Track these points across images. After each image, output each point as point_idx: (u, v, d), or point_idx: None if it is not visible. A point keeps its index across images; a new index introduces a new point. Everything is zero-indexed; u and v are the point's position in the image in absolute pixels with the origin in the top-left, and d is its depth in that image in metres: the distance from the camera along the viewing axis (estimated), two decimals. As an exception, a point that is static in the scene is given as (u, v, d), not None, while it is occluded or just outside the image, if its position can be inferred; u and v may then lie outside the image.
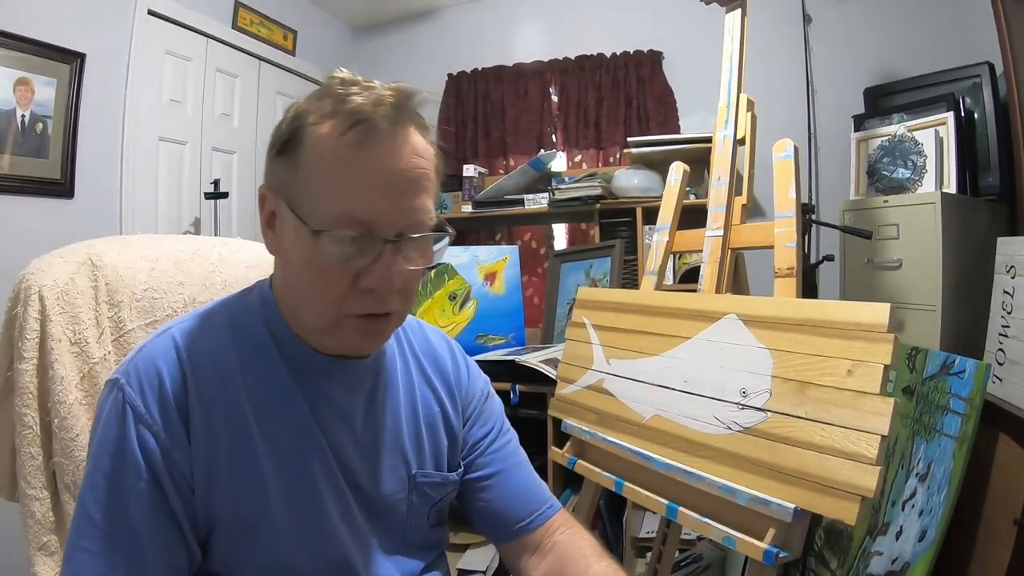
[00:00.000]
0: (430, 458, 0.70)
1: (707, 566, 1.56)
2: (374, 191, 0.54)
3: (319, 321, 0.59)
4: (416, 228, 0.57)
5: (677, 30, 2.56)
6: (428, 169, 0.58)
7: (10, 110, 1.70)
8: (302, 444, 0.61)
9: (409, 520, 0.69)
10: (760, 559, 0.82)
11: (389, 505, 0.67)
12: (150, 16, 2.11)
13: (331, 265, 0.55)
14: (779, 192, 1.09)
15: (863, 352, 0.80)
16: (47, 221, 1.79)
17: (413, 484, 0.68)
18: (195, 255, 0.94)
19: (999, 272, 1.23)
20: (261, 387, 0.60)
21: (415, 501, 0.69)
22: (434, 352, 0.76)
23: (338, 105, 0.54)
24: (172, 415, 0.56)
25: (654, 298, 1.16)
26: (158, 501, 0.54)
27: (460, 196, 2.65)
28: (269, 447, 0.59)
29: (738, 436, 0.91)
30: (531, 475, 0.78)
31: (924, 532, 1.02)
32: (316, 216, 0.54)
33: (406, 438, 0.69)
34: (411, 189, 0.56)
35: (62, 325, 0.80)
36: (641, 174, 2.29)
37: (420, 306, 2.03)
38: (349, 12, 3.06)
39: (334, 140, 0.54)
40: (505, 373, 1.79)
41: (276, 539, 0.59)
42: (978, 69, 1.75)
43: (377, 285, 0.56)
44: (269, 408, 0.60)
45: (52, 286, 0.82)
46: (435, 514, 0.71)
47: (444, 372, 0.75)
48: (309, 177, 0.55)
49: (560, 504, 0.79)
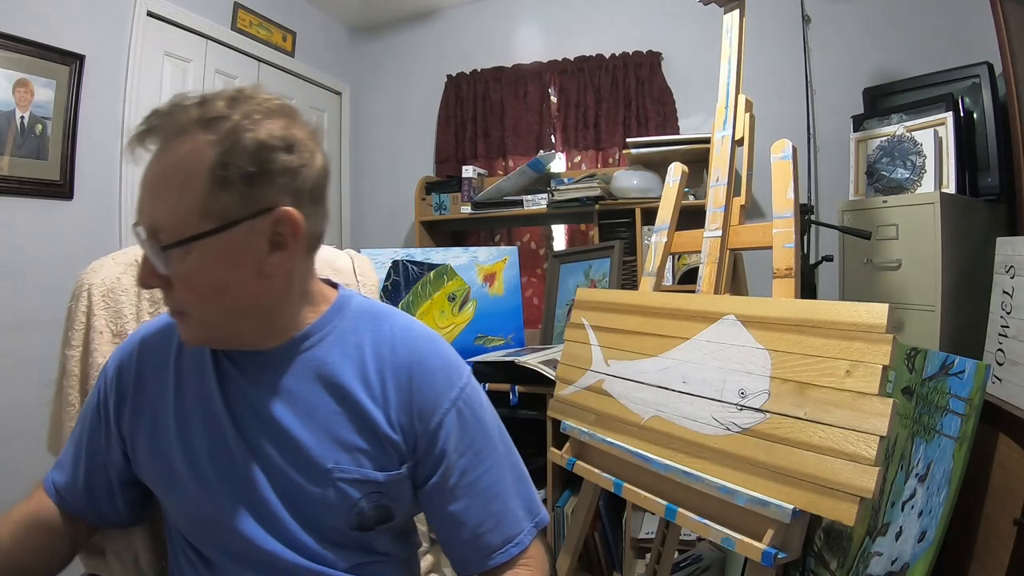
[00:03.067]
0: (351, 455, 0.67)
1: (706, 567, 1.56)
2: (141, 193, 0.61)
3: None
4: (145, 230, 0.60)
5: (676, 31, 2.56)
6: (171, 176, 0.58)
7: (9, 111, 1.70)
8: (208, 423, 0.68)
9: (327, 516, 0.67)
10: (759, 560, 0.81)
11: (305, 495, 0.66)
12: (149, 17, 2.11)
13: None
14: (778, 192, 1.09)
15: (862, 352, 0.80)
16: (46, 222, 1.79)
17: (329, 479, 0.66)
18: None
19: (998, 272, 1.23)
20: (189, 368, 0.71)
21: (332, 497, 0.66)
22: (390, 362, 0.71)
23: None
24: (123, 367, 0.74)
25: (653, 299, 1.16)
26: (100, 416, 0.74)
27: (459, 197, 2.65)
28: (180, 421, 0.69)
29: (737, 437, 0.91)
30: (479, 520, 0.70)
31: (924, 533, 1.01)
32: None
33: (324, 432, 0.67)
34: (145, 194, 0.60)
35: (105, 319, 0.92)
36: (640, 175, 2.29)
37: (419, 307, 2.03)
38: (348, 13, 3.06)
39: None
40: (504, 374, 1.80)
41: (186, 500, 0.68)
42: (977, 69, 1.75)
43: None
44: (188, 386, 0.70)
45: (100, 284, 0.93)
46: (356, 516, 0.67)
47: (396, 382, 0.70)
48: None
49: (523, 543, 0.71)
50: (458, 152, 2.90)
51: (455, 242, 2.87)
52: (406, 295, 2.01)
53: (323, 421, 0.67)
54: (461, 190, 2.64)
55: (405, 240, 3.03)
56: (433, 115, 2.97)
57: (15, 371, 1.65)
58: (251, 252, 0.61)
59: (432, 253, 2.09)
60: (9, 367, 1.65)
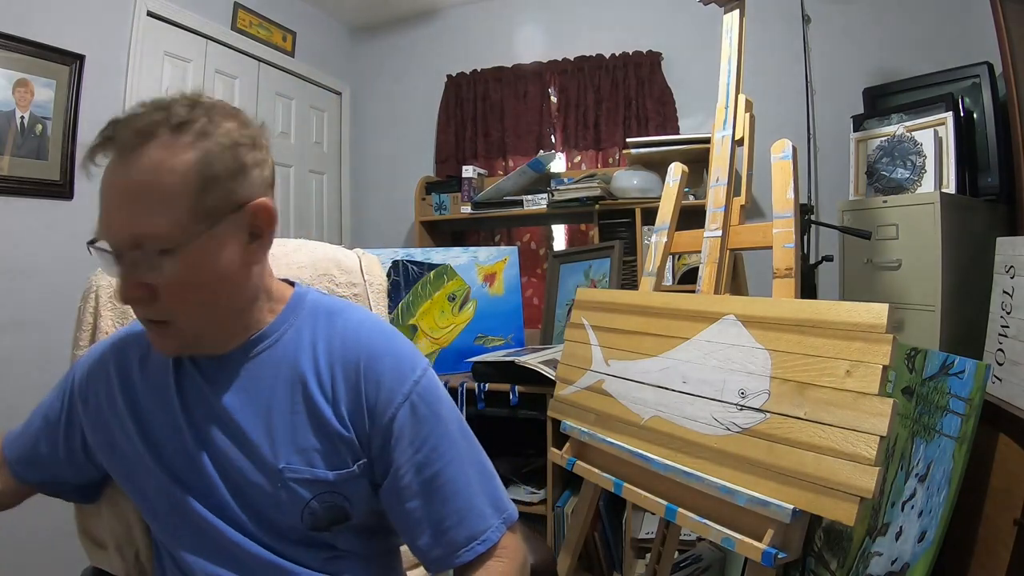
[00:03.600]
0: (302, 454, 0.67)
1: (706, 567, 1.56)
2: (102, 204, 0.58)
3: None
4: (122, 244, 0.58)
5: (676, 31, 2.56)
6: (153, 187, 0.57)
7: (9, 111, 1.70)
8: (168, 424, 0.69)
9: (281, 516, 0.67)
10: (759, 560, 0.81)
11: (259, 493, 0.67)
12: (149, 17, 2.11)
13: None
14: (778, 192, 1.09)
15: (862, 352, 0.80)
16: (46, 222, 1.78)
17: (280, 479, 0.66)
18: None
19: (998, 272, 1.23)
20: (151, 372, 0.72)
21: (284, 497, 0.66)
22: (340, 359, 0.70)
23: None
24: (92, 369, 0.76)
25: (653, 299, 1.16)
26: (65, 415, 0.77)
27: (459, 197, 2.65)
28: (143, 422, 0.70)
29: (737, 437, 0.91)
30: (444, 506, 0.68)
31: (924, 532, 1.01)
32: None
33: (277, 431, 0.67)
34: (117, 206, 0.58)
35: (111, 320, 0.94)
36: (640, 175, 2.29)
37: (419, 307, 2.03)
38: (348, 13, 3.06)
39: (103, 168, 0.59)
40: (504, 374, 1.80)
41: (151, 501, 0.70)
42: (977, 69, 1.75)
43: (116, 294, 0.63)
44: (151, 388, 0.71)
45: (107, 286, 0.94)
46: (309, 517, 0.67)
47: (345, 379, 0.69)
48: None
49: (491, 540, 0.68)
50: (458, 152, 2.90)
51: (455, 242, 2.87)
52: (406, 295, 2.01)
53: (277, 421, 0.67)
54: (461, 190, 2.64)
55: (405, 240, 3.03)
56: (433, 115, 2.97)
57: (16, 371, 1.65)
58: (236, 246, 0.62)
59: (432, 253, 2.09)
60: (9, 367, 1.66)
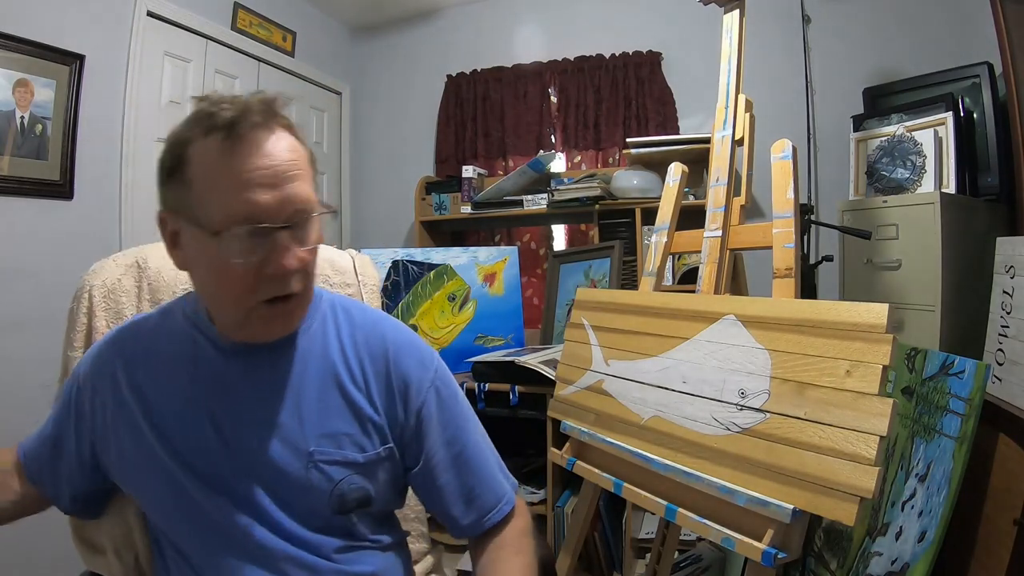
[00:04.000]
0: (331, 438, 0.72)
1: (706, 567, 1.56)
2: (255, 188, 0.61)
3: (232, 317, 0.68)
4: (300, 213, 0.64)
5: (676, 31, 2.56)
6: (299, 160, 0.65)
7: (9, 111, 1.70)
8: (184, 414, 0.71)
9: (308, 499, 0.70)
10: (759, 560, 0.81)
11: (288, 477, 0.70)
12: (149, 17, 2.11)
13: (234, 262, 0.62)
14: (778, 192, 1.09)
15: (862, 352, 0.80)
16: (46, 222, 1.79)
17: (311, 461, 0.70)
18: None
19: (998, 272, 1.23)
20: (168, 360, 0.73)
21: (314, 479, 0.70)
22: (365, 346, 0.77)
23: (212, 122, 0.61)
24: (94, 375, 0.75)
25: (653, 299, 1.16)
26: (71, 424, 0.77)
27: (459, 197, 2.65)
28: (153, 414, 0.71)
29: (737, 437, 0.91)
30: (471, 478, 0.78)
31: (924, 532, 1.01)
32: (212, 221, 0.61)
33: (306, 418, 0.71)
34: (287, 180, 0.63)
35: (106, 320, 0.92)
36: (640, 175, 2.29)
37: (419, 307, 2.03)
38: (348, 13, 3.06)
39: (214, 152, 0.61)
40: (504, 374, 1.80)
41: (146, 486, 0.72)
42: (977, 69, 1.75)
43: (278, 270, 0.63)
44: (164, 379, 0.72)
45: (101, 286, 0.93)
46: (336, 499, 0.71)
47: (373, 364, 0.76)
48: (201, 189, 0.62)
49: (509, 504, 0.80)
50: (458, 152, 2.90)
51: (455, 242, 2.87)
52: (406, 295, 2.01)
53: (306, 407, 0.72)
54: (461, 190, 2.64)
55: (405, 240, 3.03)
56: (433, 115, 2.97)
57: (16, 371, 1.65)
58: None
59: (432, 253, 2.09)
60: (10, 367, 1.66)
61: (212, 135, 0.61)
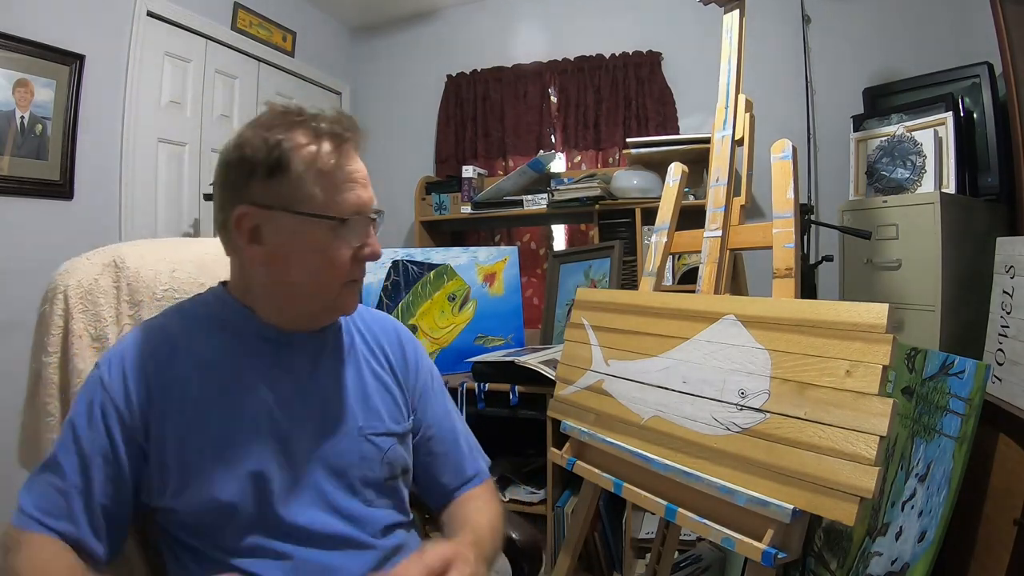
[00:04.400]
0: (374, 413, 0.82)
1: (706, 567, 1.56)
2: (358, 186, 0.74)
3: (324, 299, 0.75)
4: (378, 211, 0.77)
5: (676, 31, 2.56)
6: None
7: (9, 111, 1.71)
8: (243, 399, 0.73)
9: (363, 470, 0.78)
10: (759, 560, 0.81)
11: (345, 452, 0.77)
12: (149, 17, 2.11)
13: (343, 247, 0.72)
14: (777, 192, 1.09)
15: (862, 352, 0.80)
16: (46, 222, 1.79)
17: (361, 436, 0.79)
18: (220, 257, 0.94)
19: (998, 272, 1.23)
20: (209, 356, 0.74)
21: (367, 451, 0.79)
22: (379, 328, 0.90)
23: (318, 130, 0.72)
24: (130, 390, 0.70)
25: (653, 299, 1.16)
26: (110, 459, 0.69)
27: (459, 197, 2.65)
28: (215, 403, 0.72)
29: (737, 437, 0.91)
30: (460, 449, 0.92)
31: (924, 532, 1.01)
32: (339, 211, 0.71)
33: (351, 396, 0.80)
34: (369, 183, 0.76)
35: (84, 322, 0.86)
36: (640, 175, 2.29)
37: (419, 307, 2.03)
38: (348, 13, 3.06)
39: (327, 155, 0.71)
40: (504, 374, 1.80)
41: (207, 478, 0.70)
42: (977, 69, 1.75)
43: (373, 253, 0.75)
44: (216, 372, 0.73)
45: (76, 286, 0.87)
46: (387, 466, 0.80)
47: (389, 344, 0.89)
48: (314, 185, 0.70)
49: (486, 475, 0.93)
50: (458, 152, 2.90)
51: (455, 242, 2.87)
52: (406, 295, 2.01)
53: (350, 387, 0.81)
54: (461, 190, 2.64)
55: (405, 240, 3.03)
56: (433, 115, 2.97)
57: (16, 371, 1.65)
58: None
59: (432, 253, 2.09)
60: (9, 368, 1.65)
61: (323, 141, 0.71)
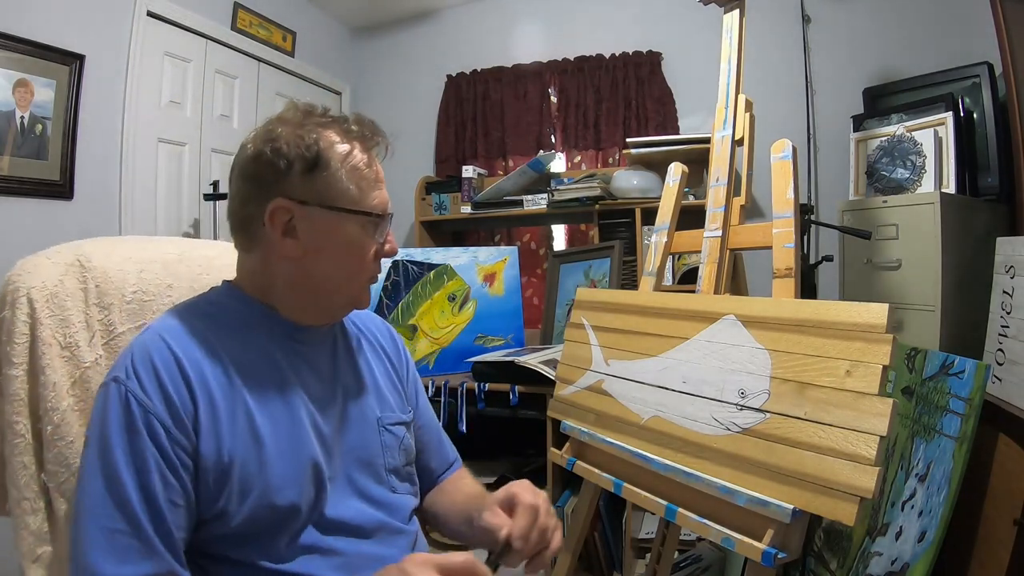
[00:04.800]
0: (387, 404, 0.85)
1: (706, 567, 1.56)
2: (382, 186, 0.77)
3: (349, 294, 0.77)
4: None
5: (676, 31, 2.56)
6: None
7: (9, 111, 1.71)
8: (286, 396, 0.72)
9: (385, 459, 0.81)
10: (759, 560, 0.81)
11: (365, 445, 0.79)
12: (149, 17, 2.11)
13: (371, 243, 0.75)
14: (777, 192, 1.09)
15: (862, 352, 0.80)
16: (46, 222, 1.79)
17: (381, 426, 0.82)
18: (182, 257, 0.92)
19: (998, 272, 1.23)
20: (243, 355, 0.71)
21: (386, 440, 0.82)
22: (373, 326, 0.93)
23: (350, 131, 0.75)
24: (172, 399, 0.64)
25: (653, 299, 1.16)
26: (169, 478, 0.62)
27: (459, 197, 2.65)
28: (260, 402, 0.70)
29: (737, 437, 0.91)
30: (441, 439, 0.99)
31: (924, 532, 1.01)
32: (366, 207, 0.74)
33: (368, 388, 0.83)
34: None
35: (52, 329, 0.77)
36: (640, 175, 2.29)
37: (419, 307, 2.03)
38: (348, 13, 3.06)
39: (359, 154, 0.74)
40: (504, 374, 1.79)
41: (270, 480, 0.67)
42: (977, 69, 1.75)
43: (394, 249, 0.78)
44: (255, 371, 0.71)
45: (41, 288, 0.78)
46: (405, 452, 0.84)
47: (385, 341, 0.93)
48: (348, 182, 0.72)
49: (460, 461, 1.00)
50: (458, 152, 2.90)
51: (455, 242, 2.87)
52: (406, 295, 2.01)
53: (366, 381, 0.84)
54: (461, 190, 2.64)
55: (405, 240, 3.02)
56: (433, 115, 2.97)
57: None
58: None
59: (432, 253, 2.09)
60: None
61: (355, 141, 0.74)
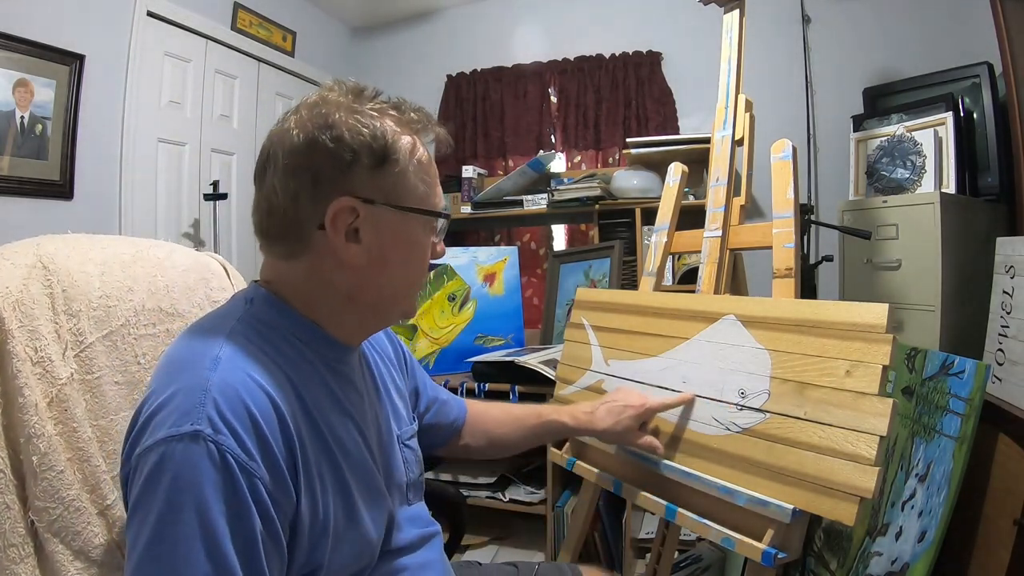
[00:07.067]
0: (402, 419, 0.81)
1: (706, 567, 1.56)
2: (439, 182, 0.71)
3: (409, 302, 0.70)
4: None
5: (676, 31, 2.56)
6: None
7: (9, 111, 1.71)
8: (349, 429, 0.66)
9: (407, 476, 0.77)
10: (759, 560, 0.81)
11: (396, 466, 0.75)
12: (149, 17, 2.11)
13: (430, 245, 0.69)
14: (777, 192, 1.09)
15: (862, 352, 0.80)
16: (46, 222, 1.78)
17: (401, 443, 0.78)
18: (136, 258, 0.84)
19: (998, 272, 1.23)
20: (309, 386, 0.62)
21: (407, 456, 0.78)
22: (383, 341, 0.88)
23: (415, 126, 0.67)
24: (276, 457, 0.53)
25: (653, 299, 1.16)
26: (272, 553, 0.52)
27: (459, 197, 2.65)
28: (336, 442, 0.63)
29: (737, 437, 0.91)
30: (448, 396, 1.00)
31: (924, 533, 1.01)
32: (432, 206, 0.67)
33: (386, 404, 0.78)
34: None
35: (25, 340, 0.65)
36: (640, 175, 2.29)
37: (420, 307, 2.03)
38: (348, 13, 3.06)
39: (422, 151, 0.67)
40: (504, 374, 1.79)
41: (360, 529, 0.63)
42: (977, 69, 1.75)
43: (443, 251, 0.72)
44: (322, 405, 0.63)
45: (5, 294, 0.66)
46: (419, 465, 0.83)
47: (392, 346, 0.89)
48: (416, 180, 0.65)
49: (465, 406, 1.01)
50: (458, 152, 2.90)
51: (455, 242, 2.87)
52: (406, 295, 2.01)
53: (383, 397, 0.79)
54: (461, 190, 2.64)
55: (405, 240, 3.03)
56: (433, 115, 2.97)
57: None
58: None
59: (432, 253, 2.09)
60: None
61: (419, 136, 0.68)
